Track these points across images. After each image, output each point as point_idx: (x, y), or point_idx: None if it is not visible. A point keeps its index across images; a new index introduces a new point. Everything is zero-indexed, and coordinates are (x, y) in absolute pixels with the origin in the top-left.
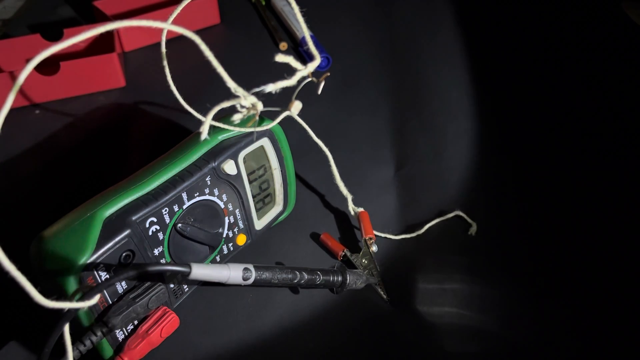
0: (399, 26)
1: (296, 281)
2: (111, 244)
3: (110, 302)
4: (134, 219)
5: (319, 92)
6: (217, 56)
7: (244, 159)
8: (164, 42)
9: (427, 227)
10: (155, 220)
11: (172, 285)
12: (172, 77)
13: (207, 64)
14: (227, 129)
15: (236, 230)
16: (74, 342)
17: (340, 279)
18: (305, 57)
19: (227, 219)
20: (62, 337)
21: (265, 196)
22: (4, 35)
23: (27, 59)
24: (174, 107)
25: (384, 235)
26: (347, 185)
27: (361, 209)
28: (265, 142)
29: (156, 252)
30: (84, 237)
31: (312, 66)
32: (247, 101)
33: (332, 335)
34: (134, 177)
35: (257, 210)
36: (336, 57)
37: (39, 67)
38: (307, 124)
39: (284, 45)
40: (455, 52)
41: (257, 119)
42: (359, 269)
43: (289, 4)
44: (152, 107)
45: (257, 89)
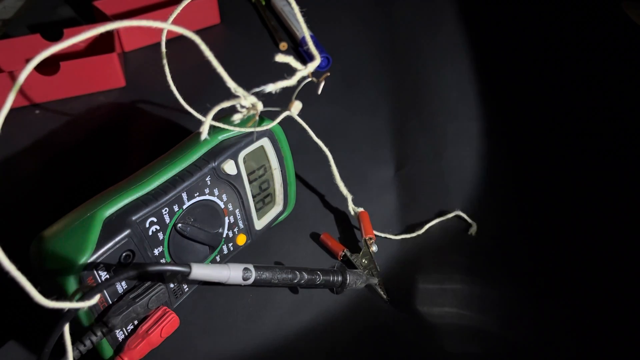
0: (399, 26)
1: (296, 281)
2: (111, 244)
3: (110, 302)
4: (134, 219)
5: (319, 92)
6: (217, 56)
7: (244, 159)
8: (164, 42)
9: (427, 227)
10: (155, 220)
11: (172, 285)
12: (172, 77)
13: (207, 64)
14: (227, 129)
15: (236, 230)
16: (74, 342)
17: (340, 279)
18: (305, 57)
19: (227, 219)
20: (62, 337)
21: (265, 196)
22: (4, 35)
23: (27, 59)
24: (174, 107)
25: (384, 235)
26: (347, 185)
27: (361, 209)
28: (265, 142)
29: (156, 252)
30: (84, 237)
31: (312, 66)
32: (247, 101)
33: (332, 335)
34: (134, 177)
35: (257, 210)
36: (336, 57)
37: (39, 67)
38: (307, 124)
39: (284, 45)
40: (455, 52)
41: (257, 119)
42: (359, 269)
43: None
44: (152, 107)
45: (257, 89)
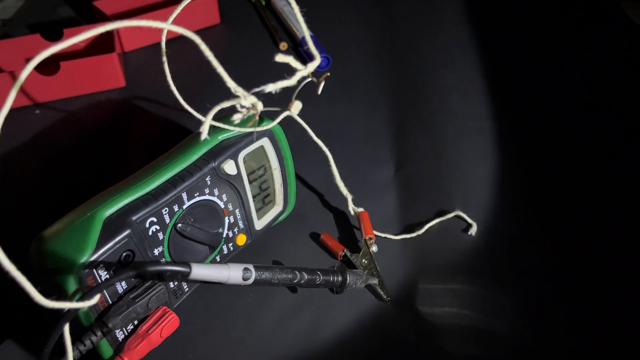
0: (399, 26)
1: (296, 281)
2: (111, 244)
3: (110, 302)
4: (134, 219)
5: (319, 92)
6: (217, 56)
7: (244, 159)
8: (164, 42)
9: (427, 227)
10: (155, 220)
11: (172, 285)
12: (172, 77)
13: (207, 64)
14: (227, 129)
15: (236, 230)
16: (74, 342)
17: (340, 279)
18: (305, 57)
19: (227, 219)
20: (62, 337)
21: (265, 196)
22: (4, 35)
23: (27, 58)
24: (174, 107)
25: (384, 235)
26: (347, 185)
27: (361, 209)
28: (265, 142)
29: (156, 252)
30: (84, 237)
31: (312, 66)
32: (247, 101)
33: (332, 335)
34: (134, 177)
35: (257, 210)
36: (336, 57)
37: (39, 67)
38: (307, 124)
39: (284, 45)
40: (455, 52)
41: (257, 119)
42: (359, 269)
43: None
44: (152, 107)
45: (257, 89)
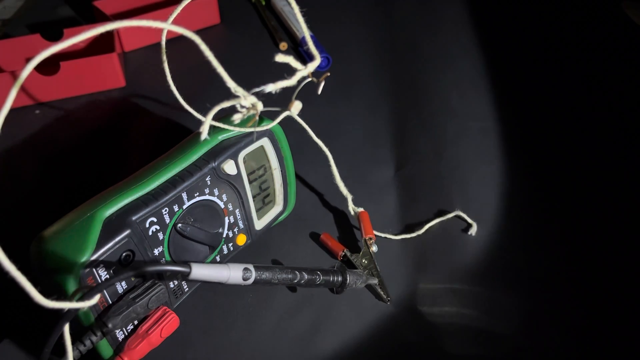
0: (399, 26)
1: (296, 281)
2: (111, 244)
3: (110, 302)
4: (134, 219)
5: (319, 92)
6: (217, 56)
7: (244, 159)
8: (164, 42)
9: (427, 227)
10: (155, 220)
11: (172, 285)
12: (172, 77)
13: (207, 64)
14: (227, 129)
15: (236, 230)
16: (74, 342)
17: (340, 279)
18: (305, 57)
19: (227, 219)
20: (62, 337)
21: (265, 196)
22: (4, 35)
23: (27, 58)
24: (174, 107)
25: (384, 235)
26: (347, 185)
27: (361, 209)
28: (265, 142)
29: (156, 252)
30: (84, 237)
31: (312, 66)
32: (247, 101)
33: (332, 335)
34: (134, 177)
35: (257, 210)
36: (336, 57)
37: (39, 67)
38: (307, 124)
39: (284, 45)
40: (455, 52)
41: (257, 119)
42: (359, 269)
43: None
44: (152, 107)
45: (257, 89)
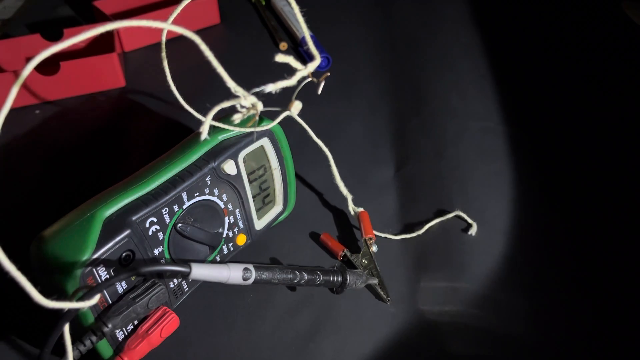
0: (399, 26)
1: (296, 281)
2: (111, 244)
3: (110, 302)
4: (134, 219)
5: (319, 92)
6: (217, 56)
7: (244, 159)
8: (164, 42)
9: (427, 227)
10: (155, 220)
11: (172, 285)
12: (172, 77)
13: (207, 64)
14: (227, 129)
15: (236, 230)
16: (74, 342)
17: (340, 279)
18: (305, 57)
19: (227, 219)
20: (62, 337)
21: (265, 196)
22: (4, 35)
23: (27, 58)
24: (174, 107)
25: (384, 235)
26: (347, 185)
27: (361, 209)
28: (265, 142)
29: (156, 252)
30: (84, 237)
31: (312, 66)
32: (247, 101)
33: (332, 335)
34: (134, 177)
35: (257, 210)
36: (336, 57)
37: (39, 67)
38: (307, 124)
39: (284, 45)
40: (455, 52)
41: (257, 119)
42: (359, 269)
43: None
44: (152, 107)
45: (257, 89)
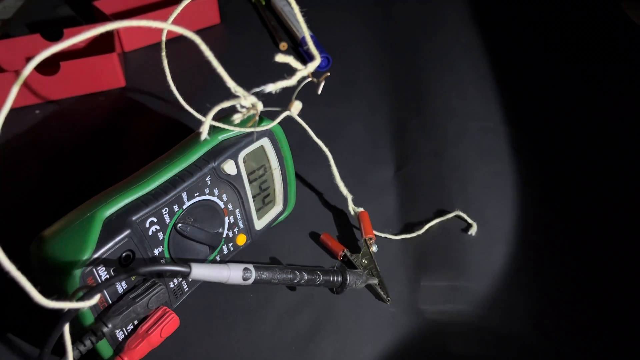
0: (399, 26)
1: (296, 281)
2: (111, 244)
3: (110, 302)
4: (134, 219)
5: (319, 92)
6: (217, 56)
7: (244, 159)
8: (164, 42)
9: (427, 227)
10: (155, 220)
11: (172, 285)
12: (172, 77)
13: (207, 64)
14: (227, 129)
15: (236, 230)
16: (74, 342)
17: (340, 279)
18: (305, 57)
19: (227, 219)
20: (62, 337)
21: (265, 196)
22: (4, 35)
23: (27, 58)
24: (174, 107)
25: (384, 235)
26: (347, 185)
27: (361, 209)
28: (265, 142)
29: (156, 252)
30: (84, 237)
31: (312, 66)
32: (247, 101)
33: (332, 335)
34: (134, 177)
35: (257, 210)
36: (336, 57)
37: (39, 67)
38: (307, 124)
39: (284, 45)
40: (455, 52)
41: (257, 119)
42: (359, 269)
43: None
44: (152, 107)
45: (257, 89)
